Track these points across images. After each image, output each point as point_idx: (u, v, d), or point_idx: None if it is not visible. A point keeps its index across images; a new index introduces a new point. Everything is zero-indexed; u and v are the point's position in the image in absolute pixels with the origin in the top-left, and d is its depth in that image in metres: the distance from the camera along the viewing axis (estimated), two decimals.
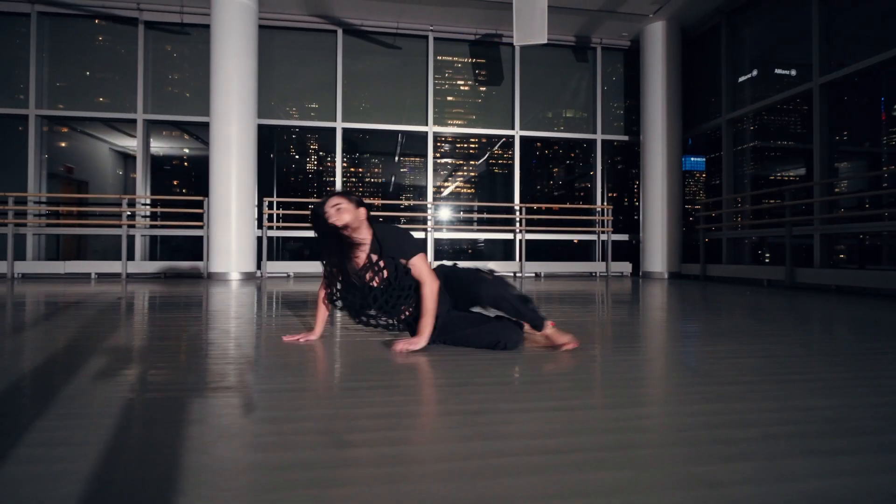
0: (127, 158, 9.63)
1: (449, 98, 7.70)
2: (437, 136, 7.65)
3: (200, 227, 6.69)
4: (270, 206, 6.99)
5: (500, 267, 7.43)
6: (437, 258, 7.41)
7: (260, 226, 6.75)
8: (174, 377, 1.46)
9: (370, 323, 1.89)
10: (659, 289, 5.25)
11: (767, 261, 6.71)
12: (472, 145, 8.23)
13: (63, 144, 8.05)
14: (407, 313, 1.88)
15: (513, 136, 7.73)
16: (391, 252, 1.83)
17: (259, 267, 6.68)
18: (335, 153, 7.34)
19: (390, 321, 1.88)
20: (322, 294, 1.97)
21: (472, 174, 8.32)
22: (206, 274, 6.60)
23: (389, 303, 1.83)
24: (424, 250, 2.17)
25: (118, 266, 6.55)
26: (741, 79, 6.80)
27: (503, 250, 7.81)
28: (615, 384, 1.42)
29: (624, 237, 7.93)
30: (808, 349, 1.96)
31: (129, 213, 6.87)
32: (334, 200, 1.84)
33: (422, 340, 1.77)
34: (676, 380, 1.49)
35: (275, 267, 6.90)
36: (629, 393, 1.33)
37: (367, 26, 7.33)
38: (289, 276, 6.97)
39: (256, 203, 6.67)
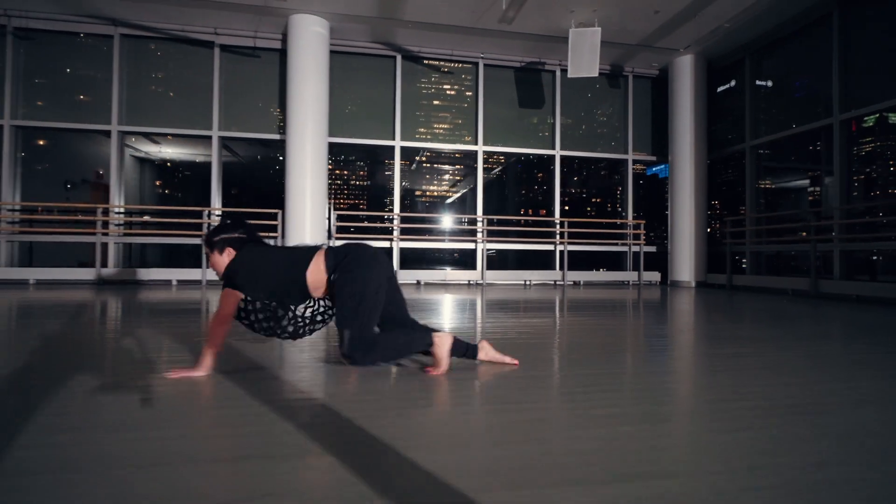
0: (144, 163, 9.98)
1: (495, 119, 8.35)
2: (486, 155, 8.29)
3: (274, 238, 7.20)
4: (339, 218, 7.54)
5: (541, 276, 8.12)
6: (494, 268, 7.98)
7: (330, 236, 7.30)
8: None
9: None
10: (700, 297, 5.97)
11: (787, 272, 7.53)
12: (515, 162, 8.91)
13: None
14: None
15: (553, 156, 8.43)
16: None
17: None
18: (394, 169, 7.93)
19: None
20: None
21: (517, 190, 8.99)
22: None
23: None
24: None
25: (198, 273, 7.03)
26: (764, 108, 7.62)
27: (544, 260, 8.48)
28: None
29: (652, 249, 8.69)
30: None
31: (207, 224, 7.33)
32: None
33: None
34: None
35: None
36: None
37: (423, 53, 7.96)
38: None
39: (327, 215, 7.22)
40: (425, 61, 8.09)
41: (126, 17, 7.02)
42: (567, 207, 9.09)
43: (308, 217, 6.94)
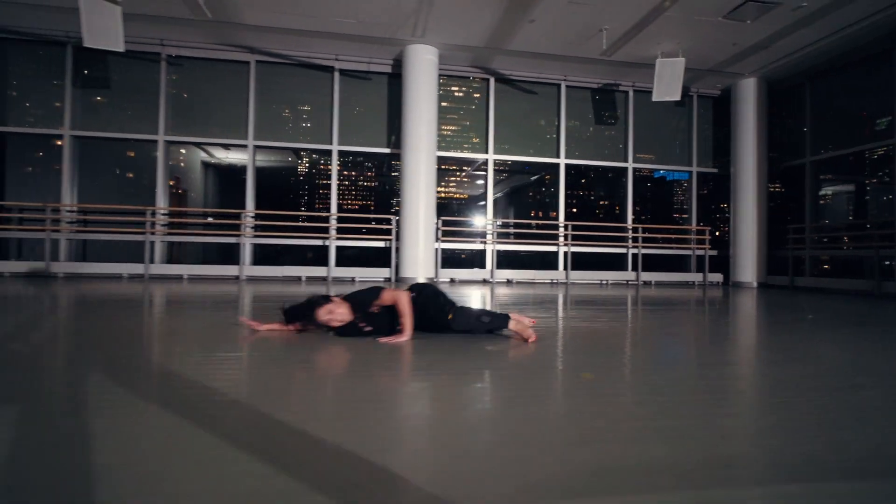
0: (208, 168, 10.95)
1: (574, 135, 9.27)
2: (568, 167, 9.22)
3: (387, 240, 8.17)
4: (444, 223, 8.49)
5: (616, 276, 9.03)
6: (575, 269, 8.89)
7: (437, 239, 8.26)
8: None
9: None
10: (773, 297, 6.86)
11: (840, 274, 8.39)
12: (591, 174, 9.83)
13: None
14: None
15: (626, 168, 9.34)
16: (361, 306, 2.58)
17: (436, 273, 8.18)
18: (487, 180, 8.88)
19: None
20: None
21: (593, 198, 9.91)
22: (393, 278, 8.09)
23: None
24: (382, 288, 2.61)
25: (323, 271, 8.03)
26: (822, 126, 8.49)
27: (617, 262, 9.37)
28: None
29: (714, 252, 9.57)
30: None
31: (333, 227, 8.28)
32: (325, 310, 2.50)
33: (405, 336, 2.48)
34: None
35: (443, 273, 8.41)
36: None
37: (513, 76, 8.90)
38: (452, 280, 8.48)
39: (435, 221, 8.17)
40: (515, 82, 9.03)
41: (262, 46, 8.03)
42: (644, 216, 9.98)
43: (421, 222, 7.90)
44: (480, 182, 9.17)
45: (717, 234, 10.01)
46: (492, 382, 1.85)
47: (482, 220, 8.97)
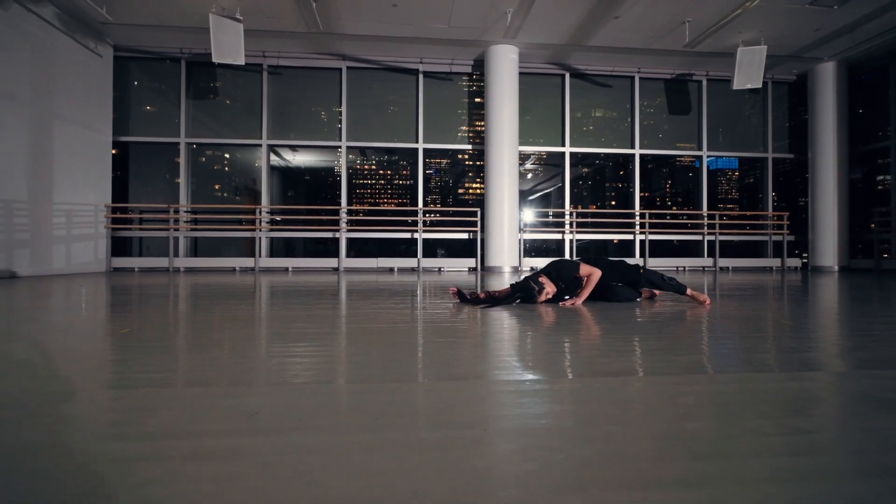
0: (274, 170, 11.49)
1: (648, 124, 9.48)
2: (642, 157, 9.44)
3: (472, 231, 8.62)
4: (524, 214, 8.88)
5: (693, 262, 9.21)
6: (652, 255, 9.15)
7: (520, 230, 8.65)
8: None
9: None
10: (865, 280, 6.93)
11: None
12: (664, 164, 10.02)
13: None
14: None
15: (701, 156, 9.48)
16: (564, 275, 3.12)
17: (520, 262, 8.58)
18: (564, 172, 9.21)
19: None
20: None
21: (668, 186, 10.10)
22: (479, 268, 8.53)
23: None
24: (579, 260, 3.18)
25: (413, 262, 8.55)
26: None
27: (693, 249, 9.54)
28: None
29: (791, 237, 9.60)
30: None
31: (419, 220, 8.80)
32: (544, 295, 3.03)
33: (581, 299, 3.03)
34: None
35: (530, 262, 8.79)
36: None
37: (589, 70, 9.18)
38: (533, 269, 8.85)
39: (518, 212, 8.56)
40: (589, 77, 9.30)
41: (353, 53, 8.60)
42: (719, 203, 10.10)
43: (506, 214, 8.31)
44: (557, 173, 9.49)
45: (793, 218, 10.01)
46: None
47: (560, 211, 9.30)
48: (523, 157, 9.83)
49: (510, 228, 8.35)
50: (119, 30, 7.73)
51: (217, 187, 9.29)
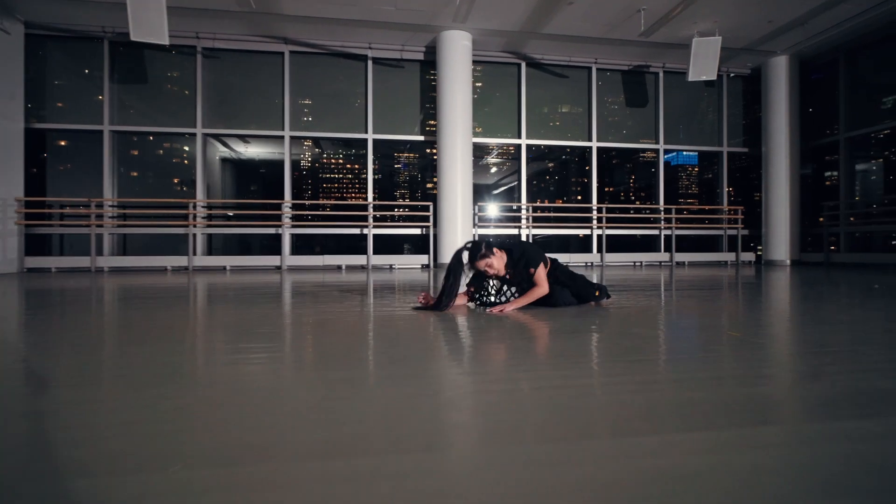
0: (225, 162, 10.81)
1: (608, 117, 9.29)
2: (602, 151, 9.24)
3: (425, 227, 8.24)
4: (480, 209, 8.54)
5: (650, 258, 9.09)
6: (609, 251, 8.99)
7: (474, 224, 8.31)
8: None
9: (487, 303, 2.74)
10: (815, 274, 6.92)
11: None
12: (620, 156, 9.86)
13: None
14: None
15: (658, 149, 9.36)
16: (521, 265, 2.70)
17: None
18: (521, 165, 8.91)
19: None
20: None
21: (625, 181, 9.95)
22: (431, 265, 8.15)
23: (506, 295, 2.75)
24: (545, 261, 2.77)
25: (362, 259, 8.10)
26: (857, 103, 8.49)
27: (649, 244, 9.43)
28: None
29: (745, 231, 9.61)
30: None
31: (371, 215, 8.36)
32: (484, 262, 2.65)
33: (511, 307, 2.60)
34: None
35: None
36: None
37: (545, 60, 8.90)
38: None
39: (472, 207, 8.22)
40: (546, 66, 9.02)
41: (296, 37, 8.04)
42: (676, 196, 10.02)
43: (459, 207, 7.94)
44: (512, 167, 9.19)
45: (747, 213, 10.05)
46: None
47: (517, 205, 9.01)
48: (485, 151, 9.50)
49: (464, 223, 8.00)
50: (30, 3, 6.95)
51: (151, 180, 8.56)
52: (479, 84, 8.87)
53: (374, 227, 8.32)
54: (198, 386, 1.30)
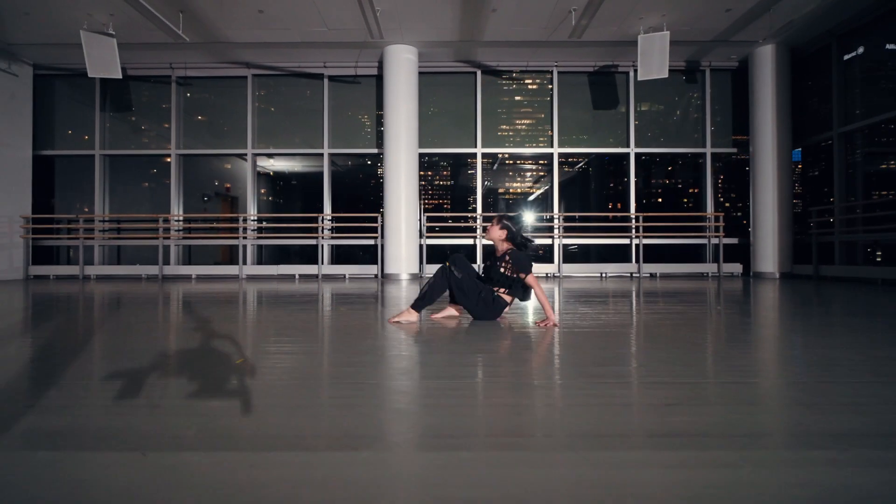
0: (261, 177, 11.64)
1: (571, 122, 8.89)
2: (563, 156, 8.87)
3: (375, 238, 8.40)
4: (428, 219, 8.56)
5: (617, 269, 8.53)
6: (575, 261, 8.60)
7: (421, 236, 8.34)
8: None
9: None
10: (813, 287, 6.12)
11: (879, 260, 7.27)
12: (591, 161, 9.37)
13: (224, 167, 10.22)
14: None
15: (628, 153, 8.78)
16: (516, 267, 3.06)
17: (420, 269, 8.27)
18: (476, 174, 8.80)
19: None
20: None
21: (594, 187, 9.45)
22: (380, 275, 8.29)
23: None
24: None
25: (314, 269, 8.44)
26: (855, 93, 7.40)
27: (622, 254, 8.85)
28: None
29: (733, 241, 8.70)
30: None
31: (325, 227, 8.72)
32: (489, 226, 3.21)
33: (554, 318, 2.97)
34: None
35: (431, 269, 8.46)
36: None
37: (501, 67, 8.73)
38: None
39: (418, 218, 8.26)
40: (503, 74, 8.84)
41: (256, 61, 8.60)
42: (644, 202, 9.35)
43: (403, 218, 8.02)
44: (471, 172, 9.06)
45: (738, 220, 9.08)
46: None
47: (466, 216, 8.88)
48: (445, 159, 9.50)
49: (408, 234, 8.05)
50: (34, 49, 8.11)
51: (140, 196, 9.56)
52: (439, 96, 8.89)
53: (331, 238, 8.63)
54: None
